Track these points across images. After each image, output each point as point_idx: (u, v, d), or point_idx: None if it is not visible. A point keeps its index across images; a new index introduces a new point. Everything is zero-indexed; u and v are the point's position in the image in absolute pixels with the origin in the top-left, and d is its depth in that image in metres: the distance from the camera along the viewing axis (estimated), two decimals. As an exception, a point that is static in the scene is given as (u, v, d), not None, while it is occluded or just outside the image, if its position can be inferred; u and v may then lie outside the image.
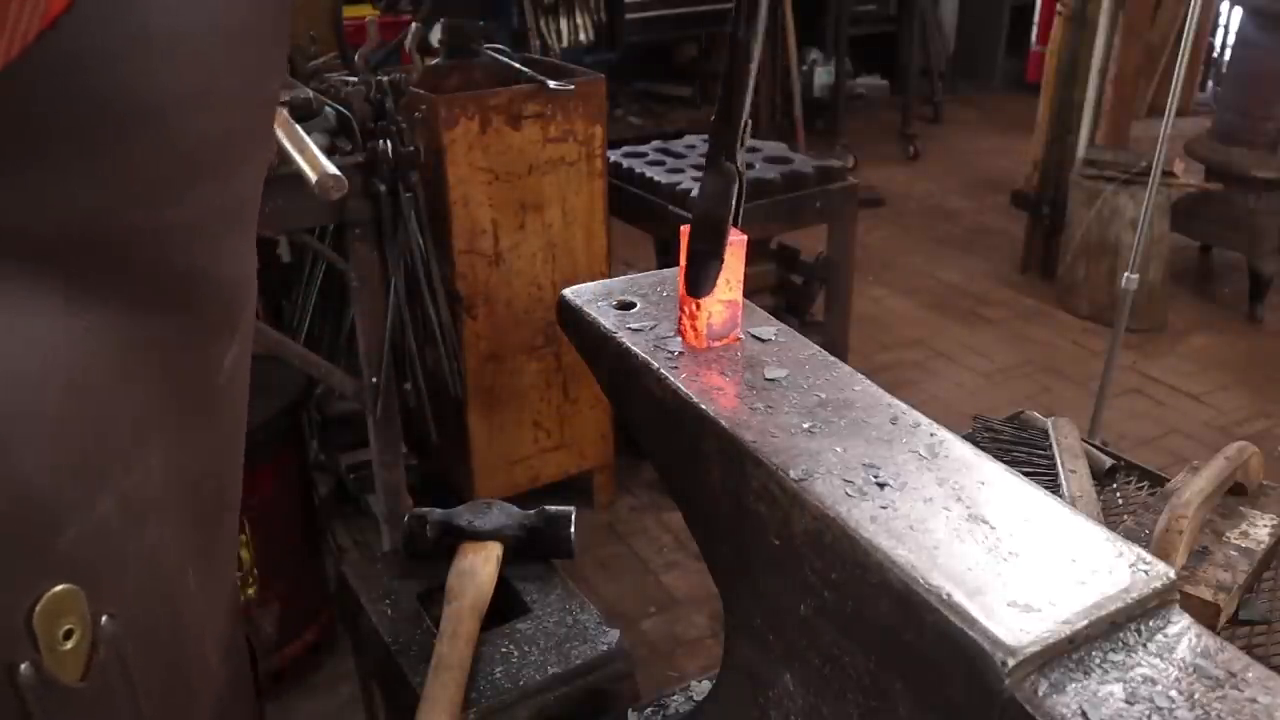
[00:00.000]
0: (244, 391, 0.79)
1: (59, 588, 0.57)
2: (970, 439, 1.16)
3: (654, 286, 1.00)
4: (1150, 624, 0.61)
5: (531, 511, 1.32)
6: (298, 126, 1.85)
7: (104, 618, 0.60)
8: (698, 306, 0.87)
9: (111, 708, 0.62)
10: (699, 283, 0.87)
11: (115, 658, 0.61)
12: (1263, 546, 1.16)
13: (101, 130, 0.53)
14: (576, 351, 0.99)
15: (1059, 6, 4.21)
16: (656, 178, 2.85)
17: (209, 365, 0.71)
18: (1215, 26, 7.03)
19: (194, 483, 0.71)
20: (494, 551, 1.27)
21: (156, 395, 0.64)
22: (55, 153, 0.52)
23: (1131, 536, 1.17)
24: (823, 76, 6.16)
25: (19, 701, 0.56)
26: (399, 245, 2.19)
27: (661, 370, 0.84)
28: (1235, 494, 1.24)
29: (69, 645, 0.58)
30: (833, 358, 0.88)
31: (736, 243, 0.88)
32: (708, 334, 0.88)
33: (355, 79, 2.17)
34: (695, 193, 2.65)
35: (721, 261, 0.86)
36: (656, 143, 3.20)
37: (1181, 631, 0.61)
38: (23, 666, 0.56)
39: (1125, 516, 1.28)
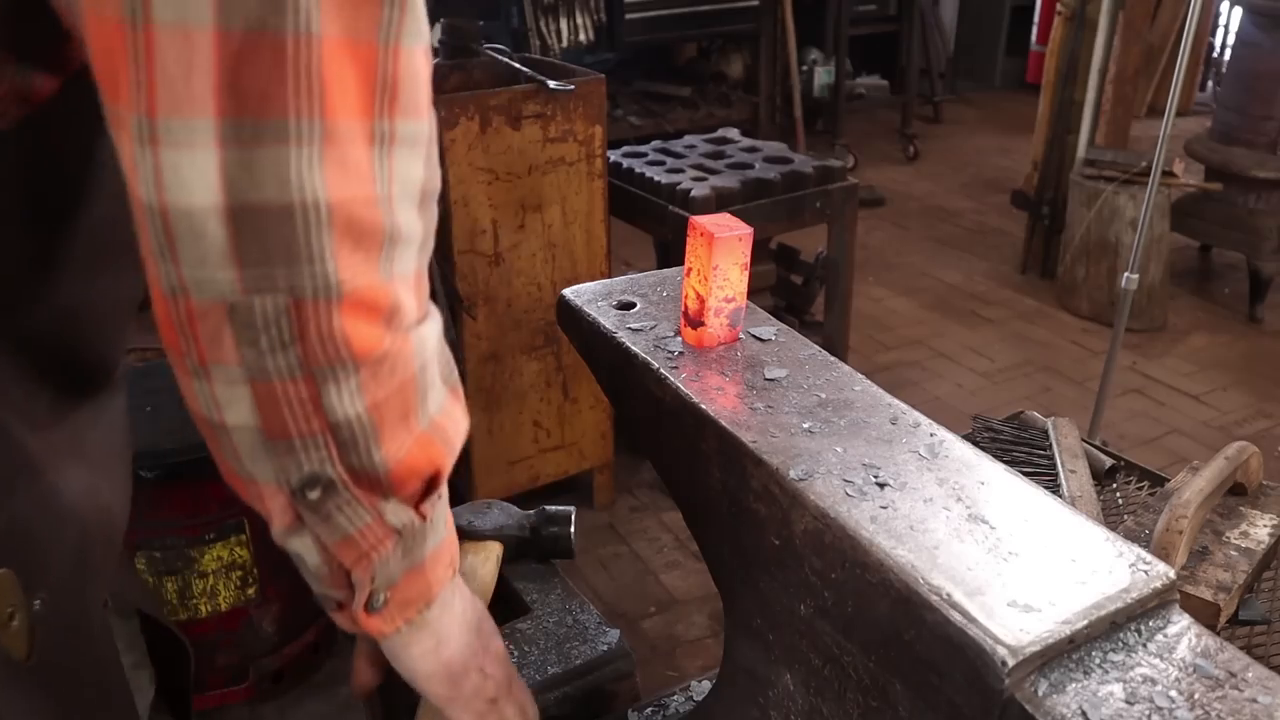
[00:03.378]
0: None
1: None
2: (970, 439, 1.16)
3: (654, 286, 1.00)
4: (1150, 624, 0.61)
5: (531, 511, 1.32)
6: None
7: (36, 602, 0.62)
8: (701, 305, 0.87)
9: (54, 688, 0.65)
10: None
11: (50, 640, 0.64)
12: (1263, 546, 1.16)
13: None
14: (576, 351, 0.99)
15: (1059, 6, 4.20)
16: (656, 178, 2.85)
17: None
18: (1215, 26, 7.04)
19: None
20: (494, 551, 1.26)
21: None
22: None
23: (1131, 536, 1.16)
24: (823, 76, 6.15)
25: None
26: (399, 245, 2.18)
27: (661, 370, 0.84)
28: (1235, 494, 1.24)
29: (14, 625, 0.61)
30: (833, 358, 0.88)
31: (745, 235, 0.87)
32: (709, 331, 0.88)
33: (355, 79, 2.17)
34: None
35: None
36: (656, 143, 3.20)
37: (1181, 631, 0.61)
38: None
39: (1125, 516, 1.28)
